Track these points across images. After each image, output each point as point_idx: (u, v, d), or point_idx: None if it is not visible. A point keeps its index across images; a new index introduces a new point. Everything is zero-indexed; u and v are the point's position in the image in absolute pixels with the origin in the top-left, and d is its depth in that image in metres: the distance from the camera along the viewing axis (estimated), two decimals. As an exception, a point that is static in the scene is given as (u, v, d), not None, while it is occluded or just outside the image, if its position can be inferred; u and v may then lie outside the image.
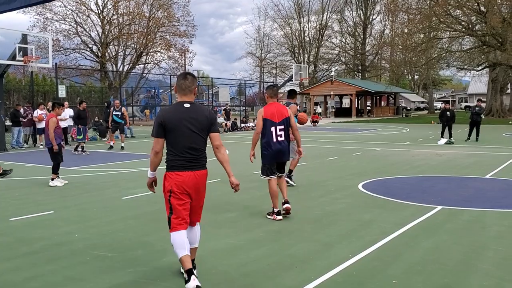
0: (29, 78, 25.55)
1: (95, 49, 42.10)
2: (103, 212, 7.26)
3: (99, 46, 41.64)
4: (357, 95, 51.31)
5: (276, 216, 6.64)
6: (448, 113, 19.42)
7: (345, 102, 66.60)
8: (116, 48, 43.39)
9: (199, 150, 4.22)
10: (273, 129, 6.68)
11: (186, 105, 4.20)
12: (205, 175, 4.31)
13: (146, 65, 44.96)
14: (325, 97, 52.48)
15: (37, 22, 38.35)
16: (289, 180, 9.11)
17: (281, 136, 6.71)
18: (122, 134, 17.94)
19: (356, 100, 52.26)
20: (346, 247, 5.31)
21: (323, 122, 38.89)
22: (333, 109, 52.21)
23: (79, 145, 16.15)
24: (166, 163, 4.24)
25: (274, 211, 6.69)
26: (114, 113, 17.42)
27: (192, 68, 59.27)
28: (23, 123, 18.79)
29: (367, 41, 64.60)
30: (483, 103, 23.82)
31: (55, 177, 9.67)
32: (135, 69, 43.92)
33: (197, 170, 4.20)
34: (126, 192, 8.74)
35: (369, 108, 55.24)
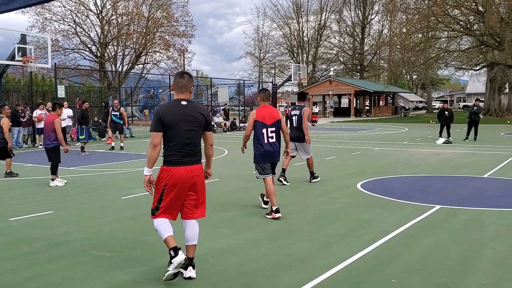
0: (28, 78, 25.53)
1: (94, 49, 42.14)
2: (102, 212, 7.27)
3: (98, 46, 41.65)
4: (356, 95, 51.31)
5: (274, 214, 6.69)
6: (446, 112, 19.45)
7: (344, 102, 66.62)
8: (115, 48, 43.46)
9: (195, 145, 4.38)
10: (264, 131, 6.91)
11: (183, 103, 4.36)
12: (200, 169, 4.43)
13: (145, 65, 45.06)
14: (324, 96, 52.48)
15: (36, 22, 38.46)
16: (314, 179, 9.68)
17: (272, 138, 6.94)
18: (121, 134, 17.95)
19: (354, 99, 52.25)
20: (345, 247, 5.32)
21: (322, 121, 38.91)
22: (332, 109, 52.22)
23: (83, 145, 16.20)
24: (163, 157, 4.37)
25: (272, 209, 6.75)
26: (112, 113, 17.42)
27: (191, 68, 59.28)
28: (22, 123, 18.76)
29: (365, 41, 64.56)
30: (481, 103, 23.86)
31: (55, 178, 9.69)
32: (134, 69, 44.01)
33: (192, 165, 4.34)
34: (125, 192, 8.75)
35: (367, 107, 55.28)
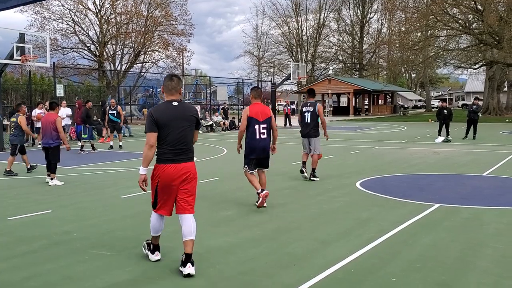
0: (27, 77, 25.51)
1: (93, 48, 42.07)
2: (102, 211, 7.27)
3: (97, 45, 41.59)
4: (355, 93, 51.35)
5: (262, 194, 7.10)
6: (445, 111, 19.45)
7: (343, 100, 66.66)
8: (114, 47, 43.38)
9: (187, 144, 4.63)
10: (257, 127, 7.22)
11: (174, 104, 4.63)
12: (192, 166, 4.67)
13: (144, 64, 44.97)
14: (323, 95, 52.48)
15: (35, 21, 38.35)
16: (314, 178, 9.79)
17: (264, 134, 7.25)
18: (119, 133, 17.93)
19: (353, 98, 52.29)
20: (344, 245, 5.32)
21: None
22: (331, 107, 52.23)
23: (84, 144, 16.15)
24: (156, 156, 4.64)
25: (258, 193, 7.17)
26: (110, 112, 17.38)
27: (189, 67, 59.32)
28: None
29: (364, 39, 64.53)
30: (480, 101, 23.86)
31: (55, 177, 9.69)
32: (133, 68, 43.89)
33: (184, 162, 4.60)
34: (124, 191, 8.74)
35: (366, 106, 55.31)
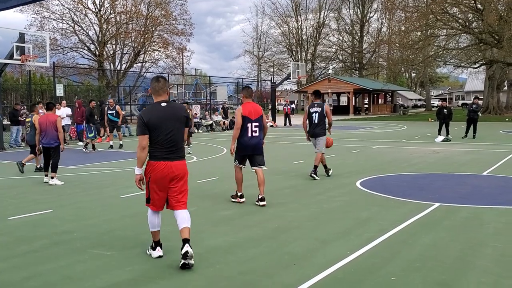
0: (27, 77, 25.51)
1: (92, 47, 42.06)
2: (102, 210, 7.27)
3: (97, 44, 41.58)
4: (355, 93, 51.32)
5: (239, 199, 7.52)
6: (445, 110, 19.45)
7: (343, 100, 66.62)
8: (113, 46, 43.37)
9: (177, 142, 4.77)
10: (249, 125, 7.36)
11: (163, 104, 4.76)
12: (183, 164, 4.83)
13: (143, 63, 44.96)
14: (323, 95, 52.48)
15: (35, 21, 38.35)
16: (314, 175, 9.84)
17: (256, 131, 7.38)
18: (119, 132, 17.92)
19: (353, 98, 52.25)
20: (344, 245, 5.32)
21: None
22: (331, 107, 52.21)
23: (93, 144, 16.17)
24: (148, 154, 4.79)
25: (237, 194, 7.56)
26: (108, 112, 17.27)
27: (189, 66, 59.32)
28: (20, 122, 18.73)
29: (364, 39, 64.57)
30: (480, 101, 23.86)
31: (55, 176, 9.71)
32: (133, 68, 43.88)
33: (174, 160, 4.74)
34: (124, 190, 8.74)
35: (366, 106, 55.28)
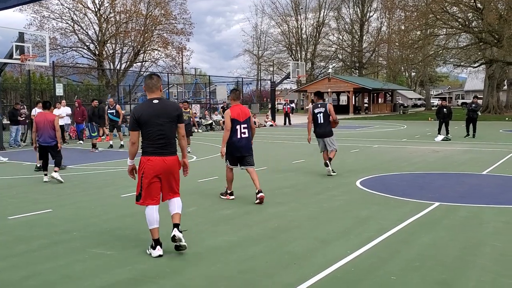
0: (26, 76, 25.48)
1: (92, 47, 42.01)
2: (101, 210, 7.26)
3: (96, 44, 41.53)
4: (355, 92, 51.30)
5: (229, 196, 7.76)
6: (444, 110, 19.45)
7: (343, 99, 66.57)
8: (113, 46, 43.31)
9: (168, 138, 4.90)
10: (238, 127, 7.51)
11: (155, 101, 4.90)
12: (175, 159, 4.97)
13: (143, 63, 44.92)
14: (323, 94, 52.51)
15: (34, 20, 38.26)
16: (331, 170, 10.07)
17: (244, 133, 7.54)
18: (119, 132, 17.90)
19: (353, 97, 52.25)
20: (344, 244, 5.32)
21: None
22: (331, 106, 52.08)
23: (95, 143, 16.16)
24: (141, 149, 4.92)
25: (227, 192, 7.79)
26: (108, 112, 17.17)
27: (189, 66, 59.25)
28: (19, 122, 18.73)
29: (364, 38, 64.53)
30: (479, 100, 23.85)
31: (58, 170, 9.80)
32: (133, 67, 43.86)
33: (166, 156, 4.88)
34: (124, 190, 8.73)
35: (366, 105, 55.26)
